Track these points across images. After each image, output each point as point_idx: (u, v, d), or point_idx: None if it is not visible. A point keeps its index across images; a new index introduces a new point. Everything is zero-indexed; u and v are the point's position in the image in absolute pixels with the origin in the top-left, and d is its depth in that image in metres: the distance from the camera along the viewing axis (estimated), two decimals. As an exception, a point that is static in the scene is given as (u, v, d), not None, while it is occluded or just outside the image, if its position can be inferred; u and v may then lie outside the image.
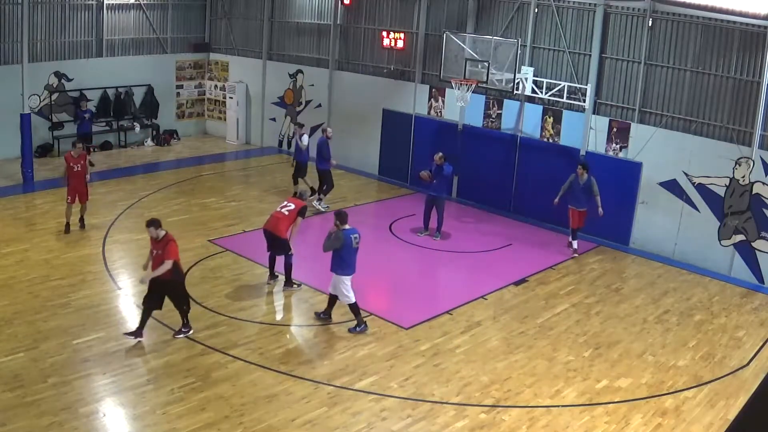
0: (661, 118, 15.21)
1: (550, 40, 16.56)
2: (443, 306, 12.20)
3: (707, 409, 9.58)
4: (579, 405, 9.49)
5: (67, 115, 20.44)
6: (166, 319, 10.97)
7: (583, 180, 14.55)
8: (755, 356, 11.15)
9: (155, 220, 10.37)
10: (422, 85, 18.95)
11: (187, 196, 17.35)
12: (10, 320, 10.59)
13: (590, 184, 14.52)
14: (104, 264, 12.99)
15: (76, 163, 14.36)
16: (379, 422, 8.81)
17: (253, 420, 8.66)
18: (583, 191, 14.59)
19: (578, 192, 14.61)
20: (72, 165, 14.31)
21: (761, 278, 14.09)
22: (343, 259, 10.75)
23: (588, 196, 14.60)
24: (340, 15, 20.71)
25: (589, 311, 12.43)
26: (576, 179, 14.59)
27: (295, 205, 12.30)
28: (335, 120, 20.99)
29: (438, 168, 15.01)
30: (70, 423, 8.31)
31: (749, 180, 14.00)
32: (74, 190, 14.33)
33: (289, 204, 12.35)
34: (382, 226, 16.19)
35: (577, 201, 14.73)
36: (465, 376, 10.00)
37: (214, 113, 24.35)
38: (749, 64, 13.89)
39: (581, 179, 14.56)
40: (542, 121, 16.78)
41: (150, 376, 9.42)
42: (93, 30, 21.10)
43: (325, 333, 11.04)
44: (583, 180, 14.55)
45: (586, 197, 14.62)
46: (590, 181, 14.53)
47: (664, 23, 14.89)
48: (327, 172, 16.93)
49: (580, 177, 14.56)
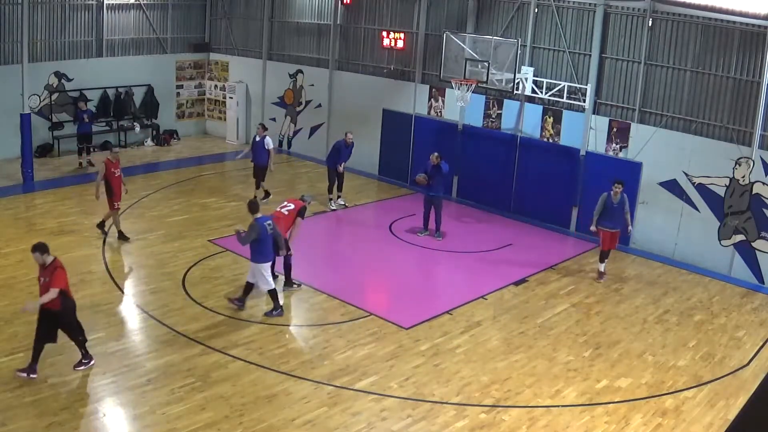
0: (661, 118, 15.22)
1: (550, 40, 16.56)
2: (443, 306, 12.20)
3: (707, 409, 9.58)
4: (579, 405, 9.49)
5: (67, 115, 20.44)
6: (167, 319, 10.99)
7: (617, 199, 13.29)
8: (755, 356, 11.15)
9: (41, 245, 9.21)
10: (422, 85, 18.95)
11: (187, 196, 17.35)
12: (10, 320, 10.60)
13: (624, 201, 13.38)
14: (104, 264, 12.99)
15: (116, 168, 14.21)
16: (379, 422, 8.81)
17: (253, 420, 8.66)
18: (617, 210, 13.37)
19: (612, 212, 13.35)
20: (113, 170, 14.14)
21: (761, 278, 14.09)
22: (260, 248, 10.95)
23: (622, 216, 13.49)
24: (340, 15, 20.71)
25: (589, 311, 12.43)
26: (609, 198, 13.31)
27: (294, 205, 12.31)
28: (335, 120, 21.00)
29: (435, 168, 14.94)
30: (70, 423, 8.31)
31: (749, 180, 14.00)
32: (118, 196, 14.13)
33: (289, 204, 12.36)
34: (382, 226, 16.19)
35: (610, 221, 13.42)
36: (465, 376, 10.00)
37: (214, 113, 24.35)
38: (749, 64, 13.89)
39: (615, 198, 13.30)
40: (542, 121, 16.78)
41: (150, 376, 9.41)
42: (93, 30, 21.11)
43: (325, 333, 11.04)
44: (617, 199, 13.30)
45: (620, 217, 13.46)
46: (624, 199, 13.38)
47: (664, 23, 14.90)
48: (333, 171, 17.03)
49: (614, 196, 13.29)
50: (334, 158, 17.02)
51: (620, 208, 13.36)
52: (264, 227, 10.96)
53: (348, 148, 17.04)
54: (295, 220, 12.18)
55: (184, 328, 10.75)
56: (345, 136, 17.05)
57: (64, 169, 19.15)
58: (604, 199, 13.37)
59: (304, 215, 12.46)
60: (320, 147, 21.23)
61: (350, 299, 12.11)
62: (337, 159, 16.93)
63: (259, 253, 11.01)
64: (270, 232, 11.08)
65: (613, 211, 13.34)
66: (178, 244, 14.13)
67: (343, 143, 16.99)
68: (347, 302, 12.01)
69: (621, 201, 13.36)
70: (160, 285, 12.28)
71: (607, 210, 13.35)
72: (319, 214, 16.65)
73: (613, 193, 13.29)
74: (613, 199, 13.31)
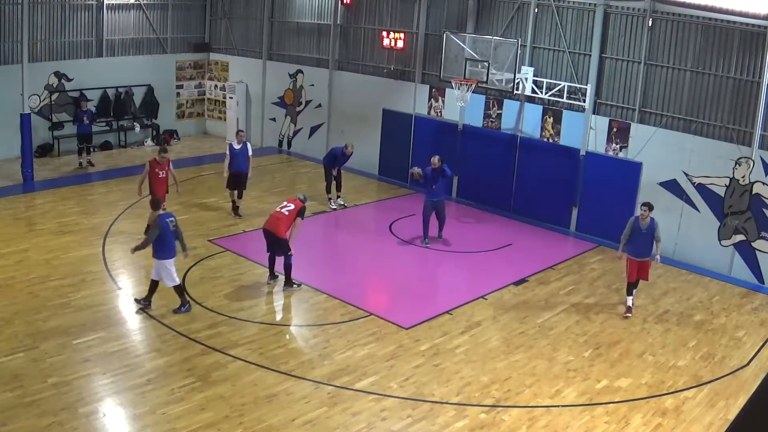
0: (661, 118, 15.21)
1: (550, 40, 16.56)
2: (443, 306, 12.20)
3: (707, 409, 9.58)
4: (579, 405, 9.49)
5: (67, 115, 20.44)
6: (167, 319, 10.99)
7: (645, 224, 11.91)
8: (755, 356, 11.15)
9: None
10: (422, 85, 18.95)
11: (187, 196, 17.32)
12: (10, 320, 10.59)
13: (654, 228, 11.92)
14: (104, 264, 12.99)
15: (161, 169, 14.26)
16: (379, 422, 8.81)
17: (253, 420, 8.66)
18: (645, 237, 11.92)
19: (639, 238, 11.94)
20: (157, 171, 14.20)
21: (761, 278, 14.09)
22: (164, 244, 10.94)
23: (651, 243, 11.99)
24: (340, 15, 20.71)
25: (589, 311, 12.43)
26: (637, 223, 11.95)
27: (294, 205, 12.31)
28: (335, 120, 21.01)
29: (437, 171, 14.57)
30: (70, 423, 8.31)
31: (749, 180, 14.00)
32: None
33: (289, 204, 12.36)
34: (382, 226, 16.19)
35: (637, 249, 12.02)
36: (465, 376, 10.00)
37: (214, 113, 24.35)
38: (749, 64, 13.89)
39: (643, 223, 11.93)
40: (542, 121, 16.78)
41: (150, 376, 9.41)
42: (93, 30, 21.11)
43: (325, 333, 11.04)
44: (646, 224, 11.91)
45: (648, 244, 11.98)
46: (654, 225, 11.93)
47: (664, 23, 14.90)
48: (328, 171, 17.03)
49: (643, 220, 11.94)
50: (330, 162, 16.96)
51: (649, 235, 11.92)
52: (166, 224, 10.95)
53: (345, 157, 16.95)
54: (294, 221, 12.18)
55: (184, 328, 10.75)
56: (345, 147, 16.77)
57: (64, 169, 19.16)
58: (631, 224, 12.02)
59: (304, 215, 12.45)
60: (320, 147, 21.22)
61: (350, 299, 12.11)
62: (333, 164, 16.90)
63: (161, 249, 10.95)
64: (173, 229, 11.06)
65: (641, 238, 11.93)
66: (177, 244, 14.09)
67: (341, 152, 16.79)
68: (347, 302, 12.01)
69: (650, 227, 11.92)
70: (160, 285, 12.25)
71: (635, 235, 11.96)
72: (319, 214, 16.65)
73: (641, 217, 11.93)
74: (641, 224, 11.93)
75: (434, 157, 14.68)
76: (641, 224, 11.94)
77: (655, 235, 11.92)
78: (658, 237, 11.94)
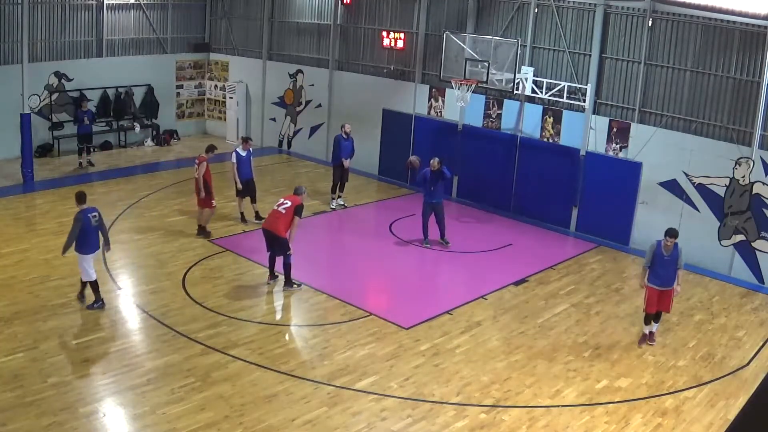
0: (661, 118, 15.21)
1: (550, 40, 16.56)
2: (443, 306, 12.19)
3: (707, 409, 9.58)
4: (579, 405, 9.49)
5: (67, 115, 20.44)
6: (167, 319, 10.99)
7: (668, 251, 10.93)
8: (755, 356, 11.15)
9: None
10: (422, 85, 18.95)
11: (187, 196, 17.31)
12: (10, 320, 10.60)
13: (678, 256, 10.99)
14: (104, 264, 12.98)
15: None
16: (379, 422, 8.81)
17: (253, 420, 8.66)
18: (668, 265, 10.96)
19: (661, 266, 10.98)
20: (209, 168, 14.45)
21: (761, 278, 14.08)
22: (84, 239, 10.90)
23: (674, 271, 11.04)
24: (340, 15, 20.71)
25: (589, 311, 12.43)
26: (659, 249, 10.96)
27: (291, 202, 12.19)
28: (335, 120, 20.97)
29: (437, 173, 14.45)
30: (70, 423, 8.31)
31: (749, 180, 14.00)
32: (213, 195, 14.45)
33: (285, 202, 12.24)
34: (382, 226, 16.19)
35: (658, 278, 11.03)
36: (465, 376, 10.00)
37: (214, 113, 24.35)
38: (749, 64, 13.89)
39: (666, 250, 10.95)
40: (542, 121, 16.78)
41: (150, 376, 9.41)
42: (93, 30, 21.11)
43: (325, 333, 11.04)
44: (669, 251, 10.93)
45: (672, 273, 11.01)
46: (678, 253, 11.00)
47: (664, 23, 14.89)
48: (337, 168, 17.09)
49: (665, 248, 10.94)
50: (336, 153, 17.00)
51: (672, 262, 10.96)
52: (88, 219, 10.91)
53: (348, 140, 16.99)
54: (293, 220, 12.10)
55: (184, 328, 10.75)
56: (342, 128, 17.05)
57: (64, 169, 19.16)
58: (653, 249, 11.04)
59: (302, 213, 12.32)
60: (320, 147, 21.24)
61: (350, 299, 12.11)
62: (339, 153, 16.90)
63: (82, 244, 10.91)
64: (95, 224, 11.03)
65: (663, 265, 10.97)
66: (178, 244, 14.13)
67: (342, 136, 16.98)
68: (347, 302, 12.01)
69: (674, 253, 10.96)
70: (160, 285, 12.28)
71: (656, 263, 10.99)
72: (319, 214, 16.65)
73: (664, 244, 10.96)
74: (664, 250, 10.94)
75: (433, 159, 14.57)
76: (664, 251, 10.92)
77: (678, 263, 10.98)
78: (681, 265, 11.02)
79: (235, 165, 15.25)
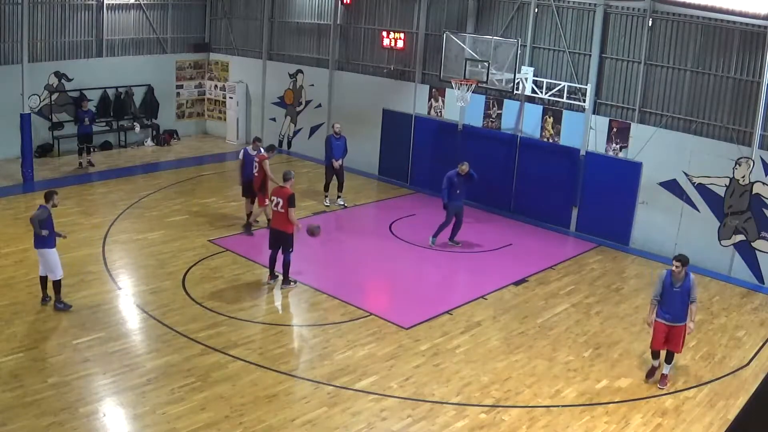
0: (661, 118, 15.21)
1: (550, 40, 16.55)
2: (443, 306, 12.20)
3: (707, 409, 9.58)
4: (579, 405, 9.49)
5: (67, 115, 20.44)
6: (167, 319, 10.99)
7: (678, 281, 9.68)
8: (755, 356, 11.15)
9: None
10: (422, 85, 18.94)
11: (187, 196, 17.35)
12: (10, 320, 10.60)
13: (690, 287, 9.69)
14: (104, 264, 12.99)
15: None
16: (379, 422, 8.81)
17: (253, 420, 8.66)
18: (678, 297, 9.68)
19: (671, 298, 9.70)
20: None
21: (761, 278, 14.08)
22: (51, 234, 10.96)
23: (686, 304, 9.76)
24: (340, 15, 20.70)
25: (589, 311, 12.43)
26: (669, 279, 9.72)
27: (282, 198, 12.15)
28: (335, 120, 20.91)
29: (466, 176, 14.54)
30: (70, 423, 8.31)
31: (749, 180, 14.00)
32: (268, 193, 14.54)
33: (278, 199, 12.20)
34: (382, 226, 16.19)
35: (667, 312, 9.76)
36: (465, 376, 10.00)
37: (214, 113, 24.35)
38: (749, 64, 13.89)
39: (676, 280, 9.69)
40: (542, 121, 16.78)
41: (150, 376, 9.41)
42: (93, 30, 21.10)
43: (325, 333, 11.04)
44: (679, 281, 9.68)
45: (683, 306, 9.74)
46: (690, 283, 9.69)
47: (664, 23, 14.89)
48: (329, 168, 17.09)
49: (675, 277, 9.69)
50: (328, 153, 17.06)
51: (683, 293, 9.67)
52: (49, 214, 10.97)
53: (339, 141, 17.00)
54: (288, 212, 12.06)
55: (184, 328, 10.76)
56: (333, 128, 17.13)
57: (64, 169, 19.16)
58: (662, 279, 9.79)
59: (294, 202, 12.21)
60: (320, 147, 21.14)
61: (350, 299, 12.12)
62: (331, 154, 16.92)
63: (51, 239, 10.95)
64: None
65: (673, 297, 9.70)
66: (178, 244, 14.13)
67: (332, 136, 17.04)
68: (347, 302, 12.01)
69: (686, 284, 9.67)
70: (160, 285, 12.28)
71: (666, 294, 9.73)
72: (319, 214, 16.64)
73: (674, 273, 9.68)
74: (674, 280, 9.69)
75: (464, 164, 14.58)
76: (674, 280, 9.69)
77: (691, 295, 9.70)
78: (694, 297, 9.73)
79: (241, 163, 15.24)
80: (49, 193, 11.20)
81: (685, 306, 9.73)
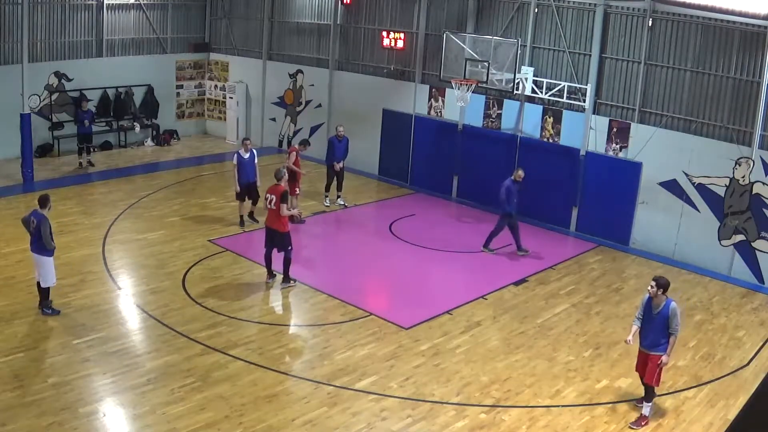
0: (661, 118, 15.21)
1: (550, 40, 16.55)
2: (443, 306, 12.19)
3: (707, 409, 9.58)
4: (579, 405, 9.49)
5: (67, 115, 20.44)
6: (167, 319, 10.99)
7: (656, 306, 8.89)
8: (755, 356, 11.15)
9: None
10: (422, 85, 18.94)
11: (187, 196, 17.34)
12: (10, 320, 10.60)
13: (669, 315, 8.81)
14: (104, 264, 12.99)
15: None
16: (379, 422, 8.81)
17: (253, 420, 8.66)
18: (657, 324, 8.89)
19: (648, 323, 9.00)
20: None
21: (761, 278, 14.08)
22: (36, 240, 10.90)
23: (663, 332, 8.91)
24: (340, 15, 20.70)
25: (589, 311, 12.43)
26: (649, 303, 8.98)
27: (275, 196, 12.16)
28: (335, 120, 20.95)
29: (519, 184, 14.51)
30: (70, 423, 8.31)
31: (749, 180, 14.00)
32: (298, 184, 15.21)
33: (271, 196, 12.21)
34: (382, 226, 16.19)
35: (644, 335, 9.07)
36: (465, 376, 10.00)
37: (214, 113, 24.35)
38: (749, 64, 13.89)
39: (655, 306, 8.92)
40: (542, 121, 16.78)
41: (150, 376, 9.41)
42: (93, 30, 21.11)
43: (325, 333, 11.04)
44: (659, 307, 8.87)
45: (659, 333, 8.92)
46: (669, 311, 8.81)
47: (664, 23, 14.89)
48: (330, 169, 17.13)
49: (655, 301, 8.92)
50: (330, 155, 17.07)
51: (660, 320, 8.85)
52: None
53: (341, 143, 17.03)
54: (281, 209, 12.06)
55: (184, 328, 10.76)
56: (336, 131, 17.17)
57: (64, 169, 19.16)
58: (643, 301, 9.10)
59: (287, 199, 12.26)
60: (320, 147, 21.15)
61: (350, 299, 12.11)
62: (332, 155, 16.95)
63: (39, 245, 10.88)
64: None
65: (649, 322, 8.98)
66: (178, 244, 14.13)
67: (335, 138, 17.07)
68: (347, 302, 12.01)
69: (664, 311, 8.83)
70: (160, 285, 12.28)
71: (645, 317, 9.03)
72: (319, 214, 16.64)
73: (652, 295, 8.89)
74: (653, 305, 8.93)
75: (520, 170, 14.55)
76: (653, 304, 8.93)
77: (670, 325, 8.81)
78: (674, 329, 8.83)
79: (236, 167, 15.09)
80: (44, 199, 11.03)
81: (661, 334, 8.87)
